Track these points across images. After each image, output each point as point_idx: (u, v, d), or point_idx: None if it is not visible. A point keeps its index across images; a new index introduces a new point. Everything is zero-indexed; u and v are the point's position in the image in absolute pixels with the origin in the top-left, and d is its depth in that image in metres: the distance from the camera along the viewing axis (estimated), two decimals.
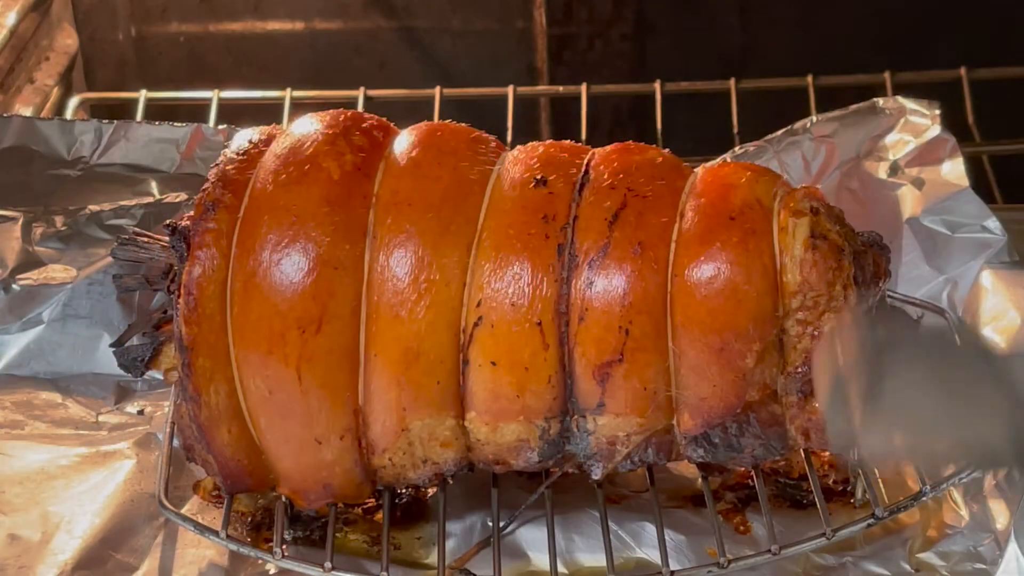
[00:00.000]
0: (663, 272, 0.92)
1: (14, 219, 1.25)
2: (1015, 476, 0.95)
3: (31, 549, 0.99)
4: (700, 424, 0.93)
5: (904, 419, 0.74)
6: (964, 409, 0.72)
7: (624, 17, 1.69)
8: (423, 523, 1.03)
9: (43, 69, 1.55)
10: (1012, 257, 1.15)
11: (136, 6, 1.69)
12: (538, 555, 0.99)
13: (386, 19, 1.71)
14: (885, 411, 0.74)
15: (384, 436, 0.95)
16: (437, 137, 0.98)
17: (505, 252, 0.93)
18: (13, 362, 1.19)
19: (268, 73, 1.70)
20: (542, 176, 0.96)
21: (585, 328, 0.92)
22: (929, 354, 0.74)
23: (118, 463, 1.07)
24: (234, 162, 0.97)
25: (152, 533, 1.01)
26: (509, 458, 0.96)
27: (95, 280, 1.21)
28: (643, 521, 1.01)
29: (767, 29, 1.70)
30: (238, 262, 0.93)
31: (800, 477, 1.04)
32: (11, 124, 1.32)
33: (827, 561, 0.98)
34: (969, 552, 0.97)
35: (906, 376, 0.73)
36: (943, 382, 0.72)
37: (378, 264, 0.93)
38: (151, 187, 1.30)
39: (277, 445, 0.95)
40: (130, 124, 1.33)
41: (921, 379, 0.73)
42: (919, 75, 1.53)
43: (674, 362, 0.92)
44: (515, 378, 0.93)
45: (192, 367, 0.93)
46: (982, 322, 1.13)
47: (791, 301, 0.91)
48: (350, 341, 0.93)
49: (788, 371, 0.92)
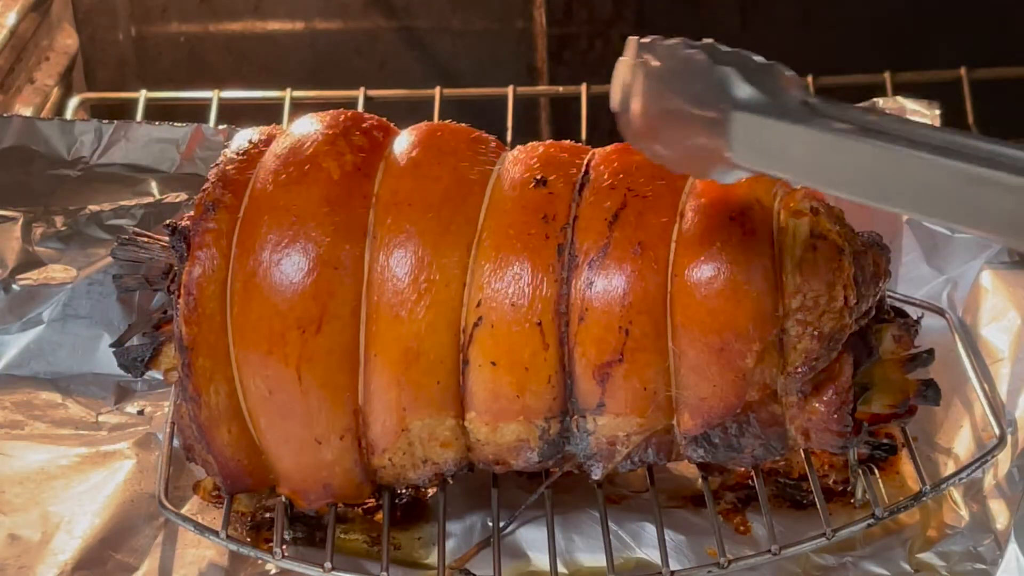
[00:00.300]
0: (663, 272, 0.92)
1: (14, 219, 1.25)
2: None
3: (31, 549, 0.99)
4: (700, 424, 0.93)
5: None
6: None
7: (624, 17, 1.69)
8: (423, 523, 1.03)
9: (43, 69, 1.55)
10: (1012, 257, 1.15)
11: (136, 6, 1.69)
12: (538, 555, 0.99)
13: (386, 19, 1.71)
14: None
15: (384, 436, 0.95)
16: (437, 137, 0.98)
17: (505, 252, 0.93)
18: (13, 362, 1.19)
19: (268, 73, 1.70)
20: (542, 176, 0.96)
21: (585, 328, 0.92)
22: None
23: (118, 463, 1.07)
24: (234, 162, 0.97)
25: (152, 533, 1.01)
26: (509, 458, 0.96)
27: (95, 280, 1.21)
28: (643, 521, 1.01)
29: (767, 29, 1.70)
30: (238, 262, 0.93)
31: (800, 477, 1.04)
32: (11, 124, 1.32)
33: (827, 561, 0.98)
34: (969, 552, 0.97)
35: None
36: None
37: (378, 264, 0.93)
38: (151, 187, 1.30)
39: (277, 445, 0.96)
40: (130, 124, 1.33)
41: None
42: (919, 75, 1.53)
43: (674, 362, 0.92)
44: (515, 378, 0.93)
45: (192, 367, 0.93)
46: (982, 322, 1.13)
47: (791, 301, 0.91)
48: (350, 341, 0.93)
49: (788, 371, 0.92)
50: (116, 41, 1.69)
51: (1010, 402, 1.05)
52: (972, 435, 1.06)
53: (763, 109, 0.77)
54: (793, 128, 0.75)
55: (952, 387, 1.07)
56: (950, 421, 1.08)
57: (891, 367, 0.98)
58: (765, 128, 0.77)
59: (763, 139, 0.77)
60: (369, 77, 1.63)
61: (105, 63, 1.70)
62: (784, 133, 0.76)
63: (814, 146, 0.74)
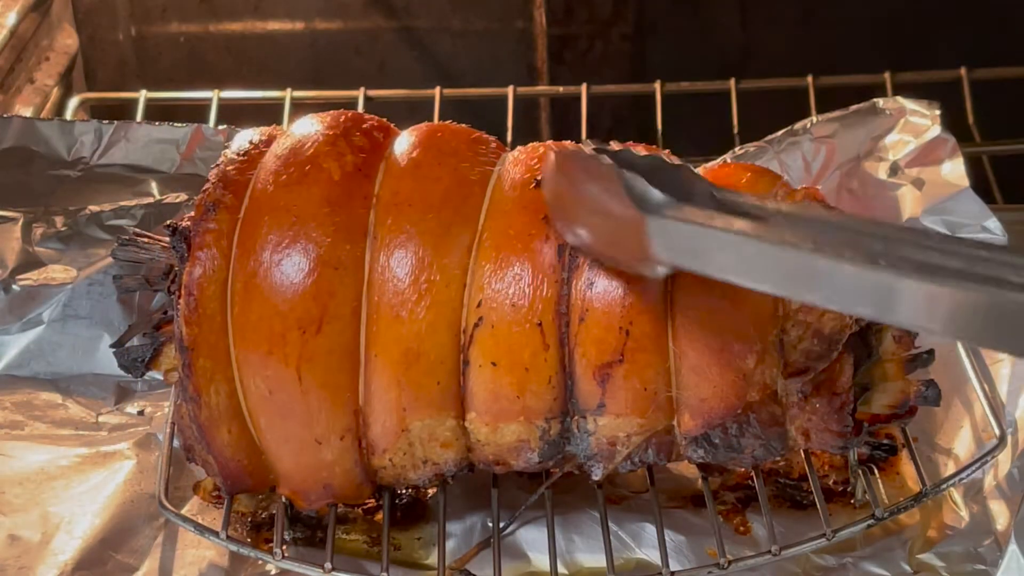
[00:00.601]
0: None
1: (14, 219, 1.25)
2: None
3: (31, 549, 0.99)
4: (700, 425, 0.93)
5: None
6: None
7: (624, 17, 1.69)
8: (423, 523, 1.03)
9: (43, 69, 1.55)
10: None
11: (136, 6, 1.69)
12: (538, 555, 0.99)
13: (386, 19, 1.71)
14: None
15: (384, 436, 0.95)
16: (437, 138, 0.98)
17: (506, 253, 0.93)
18: (13, 362, 1.19)
19: (268, 73, 1.70)
20: (542, 177, 0.95)
21: (585, 328, 0.92)
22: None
23: (118, 463, 1.07)
24: (234, 163, 0.97)
25: (152, 533, 1.01)
26: (509, 459, 0.96)
27: (95, 280, 1.21)
28: (643, 521, 1.01)
29: (767, 29, 1.70)
30: (239, 262, 0.93)
31: (800, 477, 1.04)
32: (11, 124, 1.32)
33: (827, 562, 0.98)
34: (969, 553, 0.97)
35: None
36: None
37: (378, 264, 0.93)
38: (151, 187, 1.30)
39: (277, 445, 0.96)
40: (130, 124, 1.33)
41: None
42: (919, 75, 1.53)
43: (674, 363, 0.92)
44: (515, 379, 0.93)
45: (192, 367, 0.93)
46: None
47: (791, 302, 0.91)
48: (350, 341, 0.93)
49: (788, 371, 0.92)
50: (116, 41, 1.70)
51: (1010, 402, 1.05)
52: (972, 435, 1.06)
53: (674, 213, 0.81)
54: (705, 231, 0.78)
55: (952, 387, 1.07)
56: (950, 421, 1.07)
57: (891, 367, 0.98)
58: (678, 231, 0.80)
59: (679, 240, 0.80)
60: (369, 77, 1.63)
61: (105, 63, 1.70)
62: (697, 235, 0.79)
63: (727, 246, 0.77)
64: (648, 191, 0.82)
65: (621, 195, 0.83)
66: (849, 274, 0.69)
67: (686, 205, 0.81)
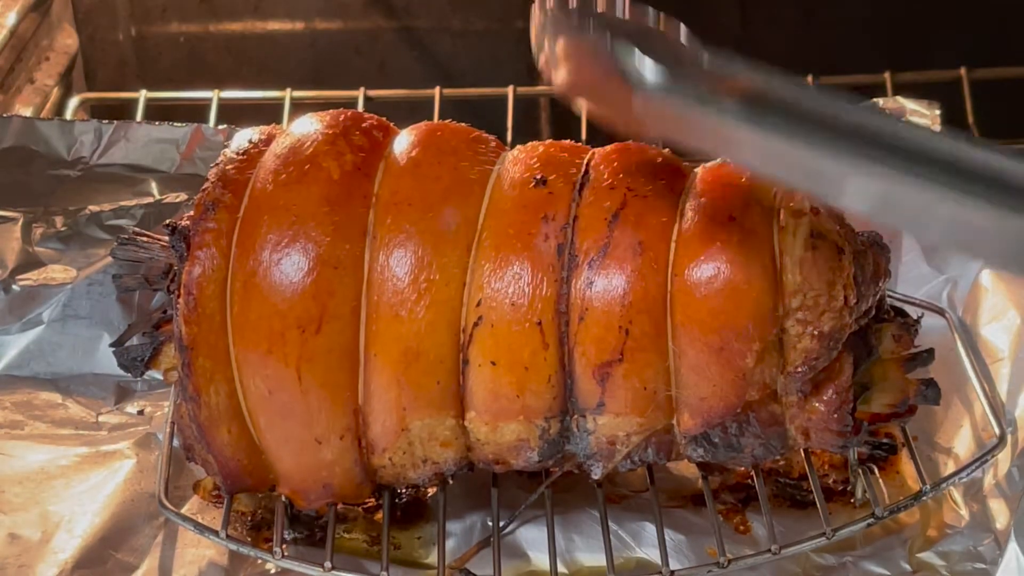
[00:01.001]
0: (663, 272, 0.92)
1: (14, 219, 1.25)
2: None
3: (31, 548, 0.99)
4: (700, 424, 0.93)
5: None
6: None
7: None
8: (423, 523, 1.03)
9: (43, 69, 1.55)
10: None
11: (136, 6, 1.69)
12: (538, 555, 0.99)
13: (386, 19, 1.71)
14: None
15: (384, 436, 0.95)
16: (437, 137, 0.98)
17: (505, 252, 0.93)
18: (13, 362, 1.19)
19: (268, 73, 1.70)
20: (542, 176, 0.96)
21: (585, 328, 0.92)
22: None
23: (118, 463, 1.07)
24: (234, 162, 0.97)
25: (152, 533, 1.01)
26: (509, 458, 0.96)
27: (95, 280, 1.21)
28: (643, 521, 1.01)
29: (767, 29, 1.70)
30: (238, 262, 0.93)
31: (800, 477, 1.04)
32: (11, 124, 1.32)
33: (827, 561, 0.98)
34: (969, 552, 0.97)
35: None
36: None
37: (378, 264, 0.93)
38: (151, 187, 1.30)
39: (277, 445, 0.96)
40: (130, 124, 1.33)
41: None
42: (919, 75, 1.53)
43: (674, 362, 0.92)
44: (515, 378, 0.93)
45: (192, 367, 0.93)
46: (982, 321, 1.13)
47: (791, 301, 0.91)
48: (350, 341, 0.93)
49: (788, 371, 0.92)
50: (116, 41, 1.69)
51: (1010, 402, 1.05)
52: (972, 435, 1.06)
53: (663, 91, 0.82)
54: (692, 112, 0.80)
55: (952, 387, 1.07)
56: (950, 421, 1.08)
57: (891, 367, 0.98)
58: (667, 108, 0.81)
59: (667, 118, 0.82)
60: (369, 77, 1.63)
61: (105, 63, 1.70)
62: (684, 115, 0.81)
63: (713, 131, 0.80)
64: (640, 62, 0.82)
65: (611, 68, 0.83)
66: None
67: (675, 79, 0.82)
